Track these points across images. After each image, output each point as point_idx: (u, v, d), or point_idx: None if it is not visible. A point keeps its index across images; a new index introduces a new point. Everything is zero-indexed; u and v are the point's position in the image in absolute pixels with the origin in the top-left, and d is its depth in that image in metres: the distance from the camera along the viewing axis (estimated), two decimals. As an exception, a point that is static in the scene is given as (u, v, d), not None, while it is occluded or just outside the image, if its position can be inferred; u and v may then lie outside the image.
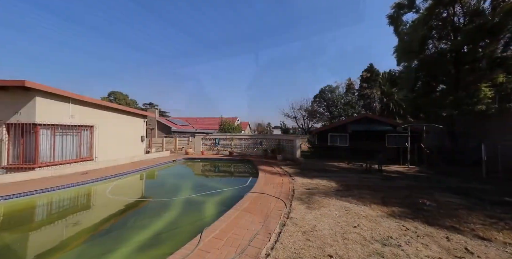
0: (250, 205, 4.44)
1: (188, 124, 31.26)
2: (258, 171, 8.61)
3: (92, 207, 5.62)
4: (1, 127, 7.29)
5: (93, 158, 9.56)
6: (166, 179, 9.00)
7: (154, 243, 3.61)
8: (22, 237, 3.98)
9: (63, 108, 8.39)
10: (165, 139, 18.79)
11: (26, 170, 7.13)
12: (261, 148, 14.81)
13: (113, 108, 11.02)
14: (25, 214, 4.96)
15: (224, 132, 19.46)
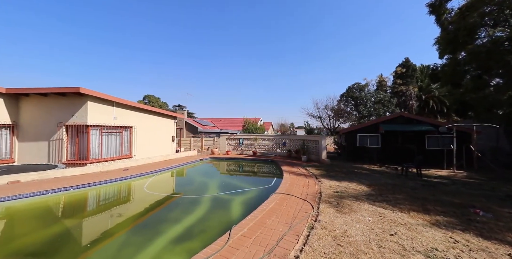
0: (276, 206, 4.42)
1: (213, 125, 32.51)
2: (282, 171, 8.53)
3: (131, 200, 6.22)
4: (61, 128, 8.57)
5: (132, 156, 10.60)
6: (194, 177, 9.50)
7: (187, 236, 3.84)
8: (78, 223, 4.61)
9: (108, 111, 9.49)
10: (193, 138, 19.85)
11: (80, 165, 8.25)
12: (284, 148, 14.64)
13: (148, 110, 12.07)
14: (80, 203, 5.73)
15: (247, 132, 19.76)
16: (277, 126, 46.05)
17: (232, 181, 8.40)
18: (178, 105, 57.42)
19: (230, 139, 16.05)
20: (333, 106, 25.92)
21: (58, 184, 6.19)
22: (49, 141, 8.66)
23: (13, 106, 8.75)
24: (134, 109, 10.99)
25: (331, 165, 10.20)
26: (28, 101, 8.91)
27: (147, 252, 3.25)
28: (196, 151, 16.08)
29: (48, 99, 8.80)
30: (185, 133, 25.43)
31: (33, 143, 8.77)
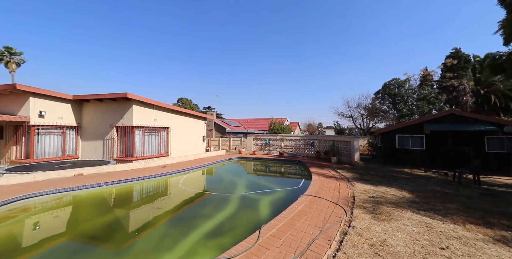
0: (305, 208, 4.31)
1: (240, 125, 33.31)
2: (311, 173, 8.26)
3: (168, 195, 6.80)
4: (113, 129, 9.88)
5: (169, 154, 11.59)
6: (223, 176, 9.89)
7: (218, 232, 4.03)
8: (126, 212, 5.24)
9: (148, 113, 10.58)
10: (221, 138, 20.68)
11: (127, 162, 9.37)
12: (312, 149, 14.14)
13: (182, 112, 13.05)
14: (127, 195, 6.51)
15: (274, 132, 19.70)
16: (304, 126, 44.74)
17: (259, 181, 8.48)
18: (208, 106, 60.54)
19: (256, 139, 16.23)
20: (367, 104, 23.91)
21: (111, 177, 7.16)
22: (104, 140, 10.08)
23: (78, 111, 10.44)
24: (170, 111, 12.01)
25: (365, 168, 9.46)
26: (88, 106, 10.52)
27: (184, 244, 3.51)
28: (225, 150, 16.70)
29: (103, 104, 10.25)
30: (214, 133, 26.68)
31: (91, 141, 10.33)
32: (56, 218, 4.81)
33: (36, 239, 3.94)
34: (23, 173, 6.75)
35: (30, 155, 8.67)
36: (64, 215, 5.04)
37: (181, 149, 12.63)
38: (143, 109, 10.26)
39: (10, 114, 8.63)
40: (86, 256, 3.39)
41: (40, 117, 8.90)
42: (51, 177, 6.83)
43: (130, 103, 9.69)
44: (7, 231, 4.04)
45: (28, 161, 8.54)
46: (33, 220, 4.57)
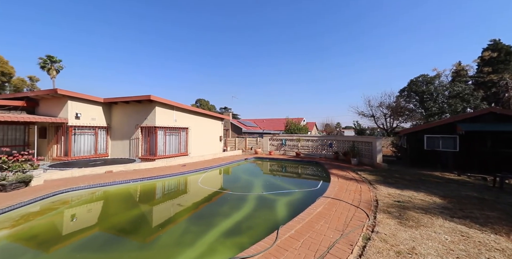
0: (324, 210, 4.19)
1: (256, 126, 33.44)
2: (329, 174, 8.01)
3: (188, 193, 7.07)
4: (138, 129, 10.56)
5: (188, 153, 12.05)
6: (240, 175, 10.01)
7: (236, 231, 4.09)
8: (150, 208, 5.56)
9: (169, 114, 11.11)
10: (237, 139, 20.95)
11: (150, 160, 9.94)
12: (331, 150, 13.69)
13: (200, 113, 13.49)
14: (151, 192, 6.91)
15: (290, 132, 19.43)
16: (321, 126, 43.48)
17: (276, 181, 8.43)
18: (224, 107, 61.75)
19: (272, 139, 16.16)
20: (390, 103, 22.46)
21: (136, 175, 7.65)
22: (130, 139, 10.82)
23: (108, 112, 11.34)
24: (189, 112, 12.49)
25: (389, 170, 8.91)
26: (117, 108, 11.37)
27: (204, 241, 3.62)
28: (241, 150, 16.89)
29: (129, 106, 11.01)
30: (230, 133, 27.12)
31: (119, 141, 11.15)
32: (89, 211, 5.27)
33: (73, 229, 4.36)
34: (63, 169, 7.51)
35: (68, 153, 9.63)
36: (96, 208, 5.51)
37: (199, 148, 13.06)
38: (165, 110, 10.81)
39: (52, 116, 9.67)
40: (115, 248, 3.67)
41: (76, 119, 9.83)
42: (86, 173, 7.51)
43: (153, 105, 10.28)
44: (50, 221, 4.53)
45: (67, 158, 9.49)
46: (71, 212, 5.06)
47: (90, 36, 71.93)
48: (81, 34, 68.66)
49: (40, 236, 3.91)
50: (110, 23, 70.67)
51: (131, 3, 63.05)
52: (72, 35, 66.96)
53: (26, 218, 4.43)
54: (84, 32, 68.34)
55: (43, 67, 30.13)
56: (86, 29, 68.24)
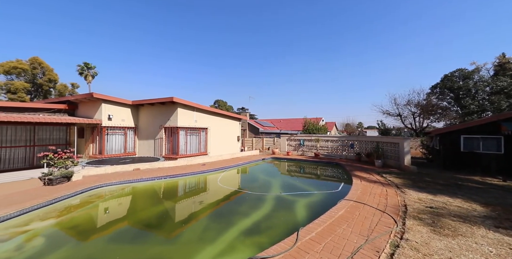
0: (346, 214, 4.02)
1: (273, 126, 33.28)
2: (351, 176, 7.66)
3: (208, 191, 7.30)
4: (162, 130, 11.19)
5: (207, 153, 12.44)
6: (258, 175, 10.05)
7: (255, 230, 4.11)
8: (173, 204, 5.85)
9: (190, 115, 11.58)
10: (254, 139, 21.06)
11: (173, 159, 10.46)
12: (352, 151, 13.07)
13: (219, 113, 13.84)
14: (174, 189, 7.27)
15: (308, 132, 18.97)
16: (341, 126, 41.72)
17: (294, 182, 8.30)
18: (241, 107, 62.53)
19: (290, 139, 15.95)
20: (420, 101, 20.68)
21: (161, 172, 8.11)
22: (155, 139, 11.52)
23: (135, 114, 12.21)
24: (208, 113, 12.90)
25: (419, 174, 8.22)
26: (143, 109, 12.19)
27: (224, 239, 3.71)
28: (258, 150, 16.95)
29: (154, 107, 11.73)
30: (248, 134, 27.37)
31: (145, 140, 11.93)
32: (120, 205, 5.73)
33: (106, 222, 4.77)
34: (98, 166, 8.27)
35: (102, 151, 10.57)
36: (126, 203, 5.96)
37: (218, 148, 13.40)
38: (186, 111, 11.31)
39: (89, 117, 10.70)
40: (143, 241, 3.93)
41: (109, 120, 10.75)
42: (117, 170, 8.17)
43: (175, 107, 10.81)
44: (87, 213, 5.02)
45: (101, 156, 10.43)
46: (105, 206, 5.54)
47: (114, 41, 77.62)
48: (105, 39, 74.29)
49: (80, 226, 4.35)
50: (132, 28, 75.58)
51: (153, 8, 66.97)
52: (99, 40, 72.83)
53: (68, 210, 4.96)
54: (108, 37, 73.80)
55: (81, 73, 33.51)
56: (109, 33, 73.78)
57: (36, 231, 3.87)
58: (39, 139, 9.21)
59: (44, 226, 4.10)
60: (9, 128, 8.41)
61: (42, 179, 6.12)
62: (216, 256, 3.17)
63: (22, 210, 4.28)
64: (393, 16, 66.93)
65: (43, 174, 6.19)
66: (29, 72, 27.27)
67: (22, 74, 27.04)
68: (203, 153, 12.22)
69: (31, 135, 9.01)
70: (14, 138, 8.56)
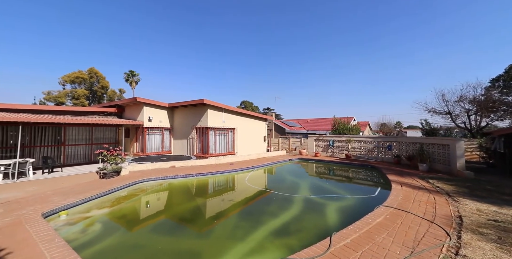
0: (386, 221, 3.68)
1: (300, 126, 32.46)
2: (389, 181, 6.97)
3: (236, 190, 7.49)
4: (193, 130, 11.94)
5: (235, 153, 12.80)
6: (285, 176, 9.92)
7: (284, 231, 4.07)
8: (204, 201, 6.18)
9: (219, 116, 12.08)
10: (280, 139, 20.86)
11: (203, 158, 11.06)
12: (389, 153, 11.89)
13: (245, 114, 14.12)
14: (205, 186, 7.67)
15: (338, 133, 17.92)
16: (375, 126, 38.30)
17: (324, 185, 7.95)
18: (267, 108, 62.61)
19: (318, 140, 15.32)
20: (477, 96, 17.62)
21: (193, 170, 8.66)
22: (187, 139, 12.35)
23: (171, 115, 13.30)
24: (235, 113, 13.27)
25: (476, 180, 7.02)
26: (177, 111, 13.20)
27: (253, 237, 3.77)
28: (284, 151, 16.73)
29: (186, 109, 12.60)
30: (274, 134, 27.24)
31: (179, 140, 12.88)
32: (159, 199, 6.30)
33: (148, 214, 5.30)
34: (140, 163, 9.25)
35: (143, 149, 11.80)
36: (163, 197, 6.54)
37: (245, 148, 13.67)
38: (215, 112, 11.84)
39: (133, 119, 12.06)
40: (178, 233, 4.25)
41: (149, 122, 11.94)
42: (156, 167, 9.01)
43: (205, 108, 11.43)
44: (133, 205, 5.65)
45: (143, 154, 11.64)
46: (146, 199, 6.16)
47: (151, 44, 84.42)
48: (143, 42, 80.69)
49: (128, 216, 4.93)
50: (165, 32, 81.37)
51: (181, 11, 71.59)
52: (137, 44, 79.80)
53: (118, 201, 5.67)
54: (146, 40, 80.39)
55: (127, 80, 38.07)
56: (147, 37, 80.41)
57: (94, 218, 4.52)
58: (95, 138, 10.76)
59: (100, 214, 4.77)
60: (73, 129, 10.03)
61: (98, 173, 7.13)
62: (247, 254, 3.23)
63: (85, 199, 5.05)
64: (439, 1, 58.51)
65: (99, 168, 7.20)
66: (87, 81, 32.13)
67: (82, 83, 32.00)
68: (231, 153, 12.60)
69: (89, 135, 10.58)
70: (77, 137, 10.17)
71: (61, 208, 4.47)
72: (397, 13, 62.66)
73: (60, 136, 9.58)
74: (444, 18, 58.81)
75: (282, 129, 28.03)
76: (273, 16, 73.16)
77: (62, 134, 9.61)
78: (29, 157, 8.52)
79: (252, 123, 14.68)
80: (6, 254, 2.69)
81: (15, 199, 4.93)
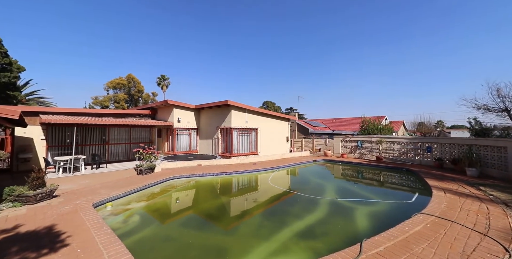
0: (426, 231, 3.33)
1: (325, 126, 31.20)
2: (429, 187, 6.28)
3: (259, 190, 7.56)
4: (218, 130, 12.40)
5: (258, 153, 12.91)
6: (309, 177, 9.65)
7: (309, 234, 3.98)
8: (228, 199, 6.37)
9: (242, 116, 12.32)
10: (304, 139, 20.32)
11: (227, 158, 11.40)
12: (429, 155, 10.69)
13: (268, 114, 14.13)
14: (229, 185, 7.90)
15: (367, 133, 16.71)
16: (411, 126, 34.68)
17: (352, 188, 7.52)
18: (290, 108, 61.63)
19: (345, 140, 14.54)
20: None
21: (218, 169, 9.00)
22: (212, 139, 12.88)
23: (197, 116, 14.03)
24: (258, 114, 13.37)
25: (545, 191, 5.86)
26: (203, 112, 13.86)
27: (277, 237, 3.76)
28: (308, 152, 16.26)
29: (211, 110, 13.14)
30: (296, 134, 26.67)
31: (205, 140, 13.50)
32: (187, 195, 6.70)
33: (178, 209, 5.67)
34: (171, 161, 9.95)
35: (173, 148, 12.67)
36: (191, 194, 6.93)
37: (267, 148, 13.69)
38: (238, 113, 12.11)
39: (164, 120, 13.04)
40: (206, 229, 4.47)
41: (178, 122, 12.78)
42: (184, 165, 9.60)
43: (229, 109, 11.77)
44: (164, 200, 6.11)
45: (173, 153, 12.51)
46: (177, 195, 6.61)
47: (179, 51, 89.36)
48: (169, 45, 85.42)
49: (160, 210, 5.35)
50: (190, 39, 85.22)
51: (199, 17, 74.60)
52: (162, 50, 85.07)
53: (152, 195, 6.20)
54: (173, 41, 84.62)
55: (158, 84, 41.38)
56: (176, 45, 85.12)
57: (133, 210, 5.02)
58: (133, 138, 11.92)
59: (138, 206, 5.27)
60: (115, 130, 11.27)
61: (136, 169, 7.88)
62: (272, 254, 3.24)
63: (126, 192, 5.64)
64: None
65: (136, 165, 7.97)
66: (126, 86, 35.76)
67: (122, 88, 35.74)
68: (254, 153, 12.74)
69: (128, 135, 11.77)
70: (118, 137, 11.40)
71: (107, 200, 5.08)
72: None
73: (105, 136, 10.86)
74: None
75: (305, 129, 27.31)
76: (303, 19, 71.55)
77: (107, 134, 10.89)
78: (81, 154, 9.84)
79: (275, 124, 14.62)
80: (68, 236, 3.17)
81: (72, 190, 5.76)
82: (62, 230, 3.37)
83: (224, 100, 11.24)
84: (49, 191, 4.87)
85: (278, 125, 14.98)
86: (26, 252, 2.73)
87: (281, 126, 15.28)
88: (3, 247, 2.86)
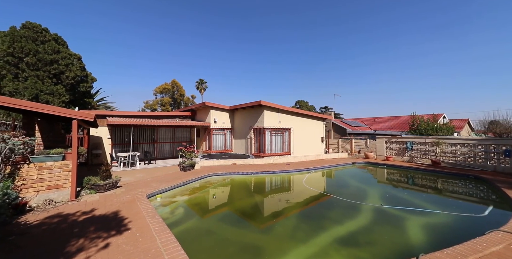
0: (507, 252, 2.71)
1: (365, 126, 28.50)
2: (508, 198, 5.09)
3: (293, 191, 7.39)
4: (251, 130, 12.67)
5: (291, 153, 12.67)
6: (348, 181, 8.96)
7: (351, 241, 3.69)
8: (262, 198, 6.42)
9: (274, 116, 12.28)
10: (340, 140, 18.97)
11: (260, 157, 11.53)
12: (507, 160, 8.63)
13: (301, 113, 13.71)
14: (262, 184, 7.97)
15: (419, 133, 14.51)
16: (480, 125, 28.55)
17: (401, 195, 6.66)
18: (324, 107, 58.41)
19: (391, 141, 12.97)
20: None
21: (252, 168, 9.19)
22: (245, 138, 13.23)
23: (231, 117, 14.63)
24: (291, 113, 13.11)
25: None
26: (237, 113, 14.37)
27: (316, 241, 3.61)
28: (346, 153, 15.11)
29: (245, 111, 13.51)
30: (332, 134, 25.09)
31: (239, 140, 13.97)
32: (223, 192, 7.04)
33: (216, 204, 6.02)
34: (208, 159, 10.65)
35: (210, 147, 13.52)
36: (226, 191, 7.25)
37: (301, 148, 13.29)
38: (271, 113, 12.12)
39: (202, 121, 14.04)
40: (242, 226, 4.60)
41: (214, 123, 13.57)
42: (221, 164, 10.13)
43: (262, 109, 11.89)
44: (204, 195, 6.56)
45: (210, 152, 13.36)
46: (214, 191, 7.02)
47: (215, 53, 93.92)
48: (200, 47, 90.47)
49: (200, 204, 5.78)
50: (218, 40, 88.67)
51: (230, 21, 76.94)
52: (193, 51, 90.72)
53: (193, 190, 6.74)
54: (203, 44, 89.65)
55: (197, 88, 44.94)
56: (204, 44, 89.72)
57: (178, 203, 5.55)
58: (176, 137, 13.22)
59: (182, 200, 5.81)
60: (162, 130, 12.69)
61: (179, 166, 8.71)
62: (310, 258, 3.14)
63: (172, 186, 6.30)
64: None
65: (180, 162, 8.80)
66: (170, 90, 39.94)
67: (167, 92, 40.08)
68: (287, 153, 12.55)
69: (172, 134, 13.11)
70: (164, 136, 12.80)
71: (158, 192, 5.76)
72: None
73: (154, 135, 12.34)
74: None
75: (342, 129, 25.50)
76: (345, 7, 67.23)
77: (156, 134, 12.35)
78: (136, 151, 11.43)
79: (308, 123, 14.09)
80: (129, 221, 3.72)
81: (130, 182, 6.73)
82: (124, 215, 3.98)
83: (257, 101, 11.41)
84: (114, 181, 5.81)
85: (312, 125, 14.38)
86: (100, 231, 3.32)
87: (315, 126, 14.63)
88: (85, 226, 3.54)
